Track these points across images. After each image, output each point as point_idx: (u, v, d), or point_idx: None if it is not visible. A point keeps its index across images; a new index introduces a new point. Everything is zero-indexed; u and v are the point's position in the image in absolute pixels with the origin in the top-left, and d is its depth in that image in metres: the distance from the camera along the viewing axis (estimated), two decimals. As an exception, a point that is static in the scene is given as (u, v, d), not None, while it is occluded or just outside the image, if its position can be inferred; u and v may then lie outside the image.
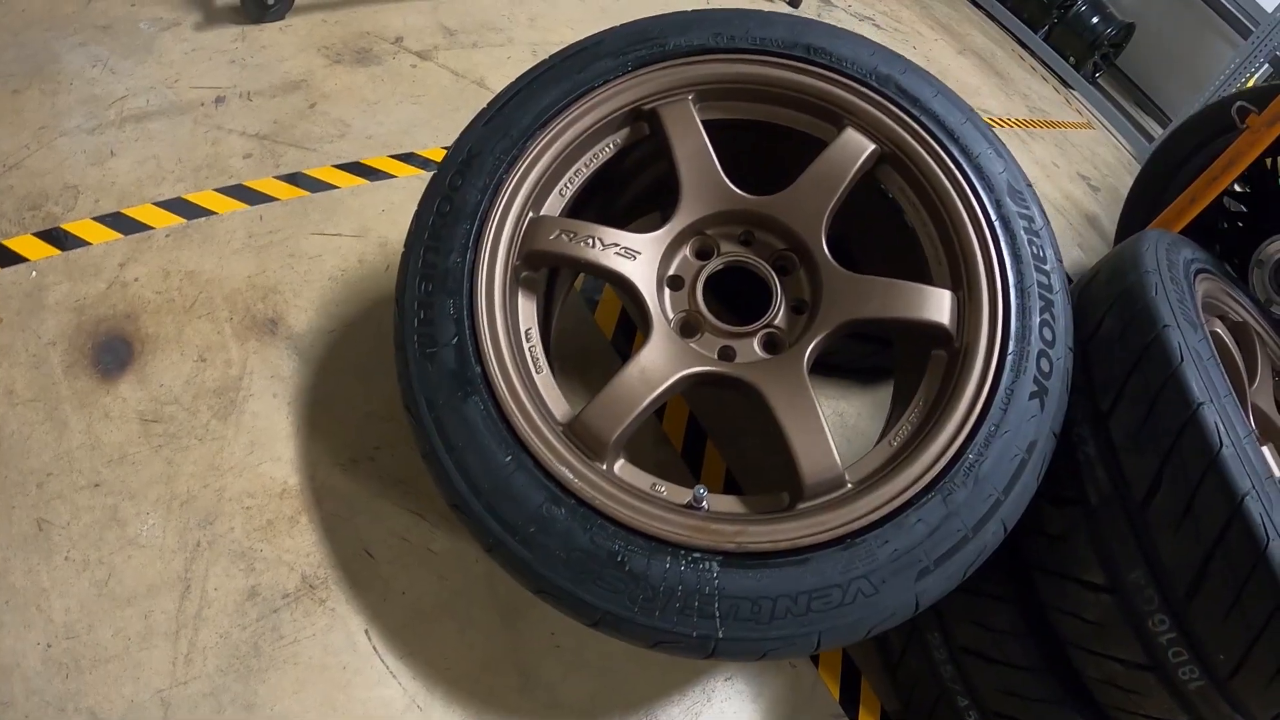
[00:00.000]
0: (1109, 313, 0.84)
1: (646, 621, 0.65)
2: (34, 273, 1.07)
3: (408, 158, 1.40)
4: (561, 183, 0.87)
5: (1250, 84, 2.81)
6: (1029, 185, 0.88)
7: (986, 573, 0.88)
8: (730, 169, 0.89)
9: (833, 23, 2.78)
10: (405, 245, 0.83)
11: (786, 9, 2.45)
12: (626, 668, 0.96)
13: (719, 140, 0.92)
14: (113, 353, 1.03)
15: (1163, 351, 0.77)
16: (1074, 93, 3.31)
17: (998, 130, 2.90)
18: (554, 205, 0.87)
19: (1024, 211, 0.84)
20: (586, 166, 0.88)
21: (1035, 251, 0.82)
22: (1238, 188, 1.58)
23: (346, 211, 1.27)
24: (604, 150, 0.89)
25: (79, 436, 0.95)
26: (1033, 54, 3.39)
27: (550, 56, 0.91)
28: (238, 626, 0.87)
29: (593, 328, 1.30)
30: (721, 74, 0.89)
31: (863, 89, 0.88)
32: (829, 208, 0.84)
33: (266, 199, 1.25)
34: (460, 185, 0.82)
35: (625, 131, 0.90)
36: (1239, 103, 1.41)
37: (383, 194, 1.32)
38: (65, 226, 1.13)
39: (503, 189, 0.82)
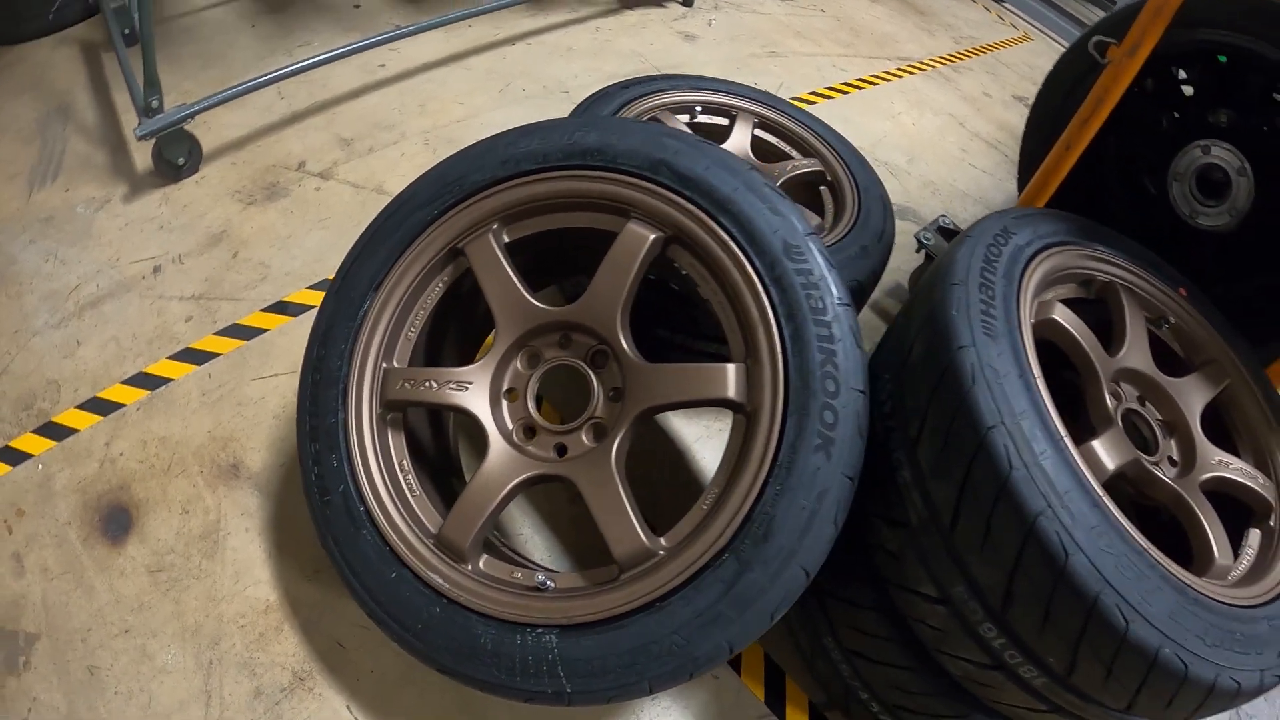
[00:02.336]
0: (918, 335, 0.85)
1: (513, 684, 0.82)
2: (40, 466, 1.31)
3: (322, 285, 1.58)
4: (406, 328, 1.03)
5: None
6: (809, 235, 0.90)
7: (855, 584, 0.95)
8: (566, 270, 1.00)
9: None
10: (297, 410, 1.01)
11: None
12: (562, 697, 1.14)
13: (546, 248, 1.04)
14: (116, 521, 1.26)
15: (955, 375, 0.77)
16: (1006, 6, 3.18)
17: (920, 75, 2.83)
18: (404, 348, 1.02)
19: (800, 267, 0.86)
20: (424, 309, 1.03)
21: (814, 305, 0.84)
22: (1184, 74, 1.48)
23: (279, 352, 1.47)
24: (435, 289, 1.04)
25: (105, 595, 1.19)
26: (956, -26, 3.26)
27: (376, 216, 1.06)
28: (252, 721, 1.10)
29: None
30: (516, 199, 0.99)
31: (640, 180, 0.94)
32: (621, 303, 0.94)
33: (211, 356, 1.45)
34: (324, 355, 1.00)
35: (450, 268, 1.04)
36: (1095, 37, 1.36)
37: (306, 326, 1.50)
38: (56, 419, 1.36)
39: (356, 351, 0.98)
